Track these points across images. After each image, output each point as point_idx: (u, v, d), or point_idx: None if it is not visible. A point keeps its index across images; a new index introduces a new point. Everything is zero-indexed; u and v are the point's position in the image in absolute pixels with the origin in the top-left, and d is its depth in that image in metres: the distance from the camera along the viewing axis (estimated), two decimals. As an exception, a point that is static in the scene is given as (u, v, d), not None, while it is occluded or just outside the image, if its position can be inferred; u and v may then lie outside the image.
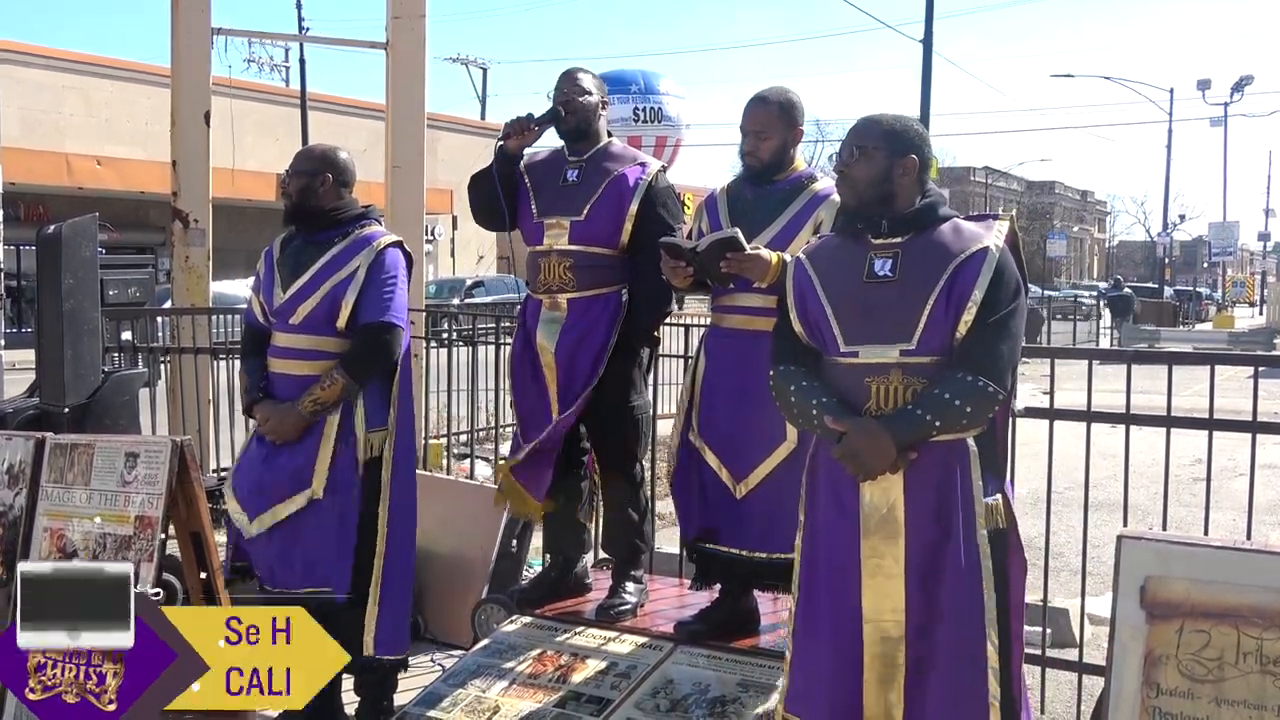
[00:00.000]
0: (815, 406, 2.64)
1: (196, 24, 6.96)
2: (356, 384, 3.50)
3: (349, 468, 3.52)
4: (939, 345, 2.59)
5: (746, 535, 3.46)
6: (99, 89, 24.15)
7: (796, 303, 2.77)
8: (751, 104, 3.51)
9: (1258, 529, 4.02)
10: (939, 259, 2.62)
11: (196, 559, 3.69)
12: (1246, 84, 39.96)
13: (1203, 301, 44.55)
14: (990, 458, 2.66)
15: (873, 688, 2.62)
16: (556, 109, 3.79)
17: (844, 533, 2.66)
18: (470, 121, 35.15)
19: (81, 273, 4.59)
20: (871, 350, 2.62)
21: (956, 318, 2.58)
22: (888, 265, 2.65)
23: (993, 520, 2.62)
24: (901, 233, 2.68)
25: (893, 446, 2.53)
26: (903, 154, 2.67)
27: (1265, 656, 2.28)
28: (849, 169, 2.70)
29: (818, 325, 2.72)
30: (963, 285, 2.58)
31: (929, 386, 2.56)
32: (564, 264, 3.74)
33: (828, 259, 2.78)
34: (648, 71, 26.84)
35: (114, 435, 4.11)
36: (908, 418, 2.54)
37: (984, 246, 2.61)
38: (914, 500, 2.60)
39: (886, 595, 2.61)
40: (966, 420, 2.55)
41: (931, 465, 2.59)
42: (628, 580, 3.95)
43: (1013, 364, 2.62)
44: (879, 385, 2.61)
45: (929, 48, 20.13)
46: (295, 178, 3.62)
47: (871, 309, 2.64)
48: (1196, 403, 3.93)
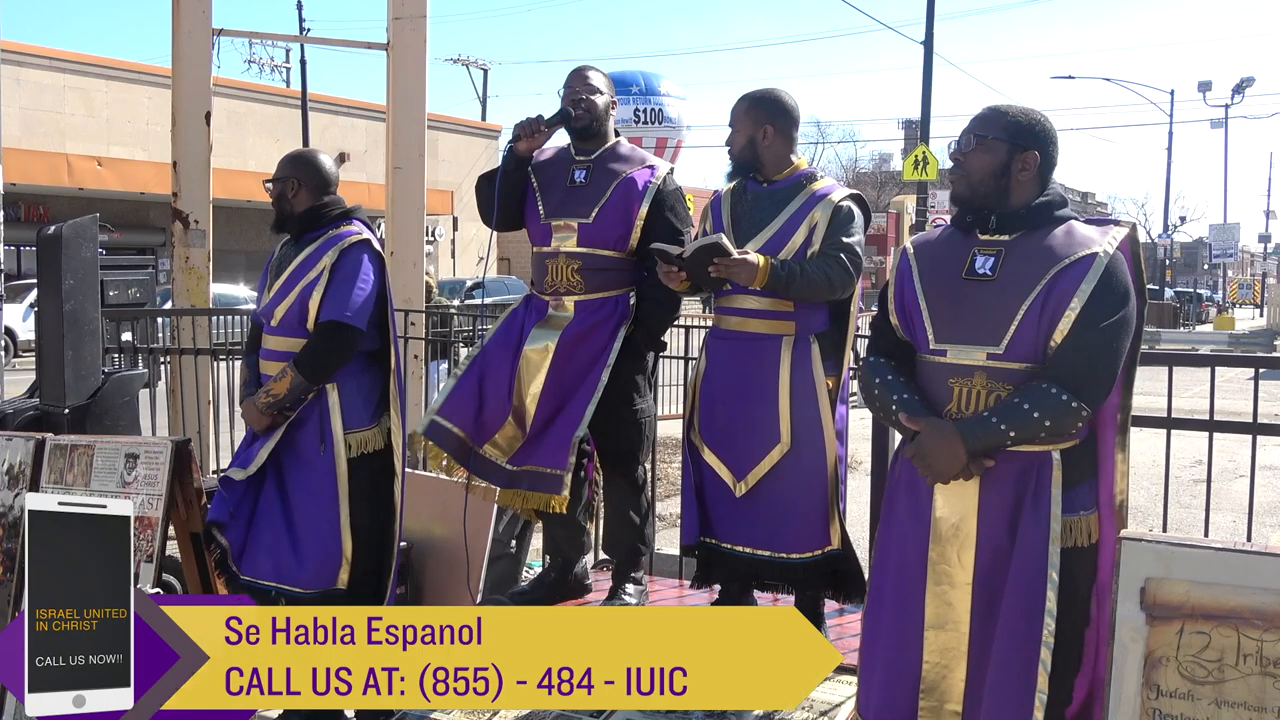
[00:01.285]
0: (895, 402, 2.56)
1: (197, 24, 6.96)
2: (306, 381, 3.44)
3: (326, 469, 3.48)
4: (1029, 352, 2.46)
5: (748, 534, 3.45)
6: (100, 89, 24.15)
7: (895, 293, 2.67)
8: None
9: (1258, 530, 4.02)
10: (1042, 261, 2.48)
11: (196, 559, 3.69)
12: (1247, 86, 39.98)
13: (1203, 303, 44.55)
14: (1083, 469, 2.54)
15: (930, 699, 2.56)
16: (567, 110, 3.76)
17: (916, 538, 2.58)
18: (471, 122, 35.15)
19: (82, 273, 4.59)
20: (959, 350, 2.52)
21: (1052, 324, 2.44)
22: (989, 263, 2.53)
23: (1075, 538, 2.51)
24: (1010, 230, 2.55)
25: (963, 451, 2.43)
26: (1024, 148, 2.54)
27: (1265, 658, 2.28)
28: (966, 158, 2.58)
29: (912, 318, 2.62)
30: (1062, 290, 2.44)
31: (1011, 394, 2.45)
32: (572, 266, 3.72)
33: (933, 251, 2.66)
34: (649, 73, 26.87)
35: (114, 436, 4.11)
36: (982, 424, 2.44)
37: (1093, 252, 2.46)
38: (987, 510, 2.51)
39: (950, 605, 2.54)
40: (1045, 434, 2.43)
41: (1010, 475, 2.49)
42: (628, 582, 3.94)
43: (1109, 380, 2.47)
44: (962, 387, 2.51)
45: (929, 49, 20.13)
46: (272, 184, 3.65)
47: (965, 307, 2.53)
48: (1197, 404, 3.94)
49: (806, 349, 3.42)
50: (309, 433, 3.50)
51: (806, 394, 3.39)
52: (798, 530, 3.41)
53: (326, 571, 3.47)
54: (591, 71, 3.84)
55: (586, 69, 3.84)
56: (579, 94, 3.77)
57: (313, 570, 3.47)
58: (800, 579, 3.49)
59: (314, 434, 3.50)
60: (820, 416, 3.40)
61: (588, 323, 3.71)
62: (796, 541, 3.41)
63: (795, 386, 3.39)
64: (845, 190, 3.51)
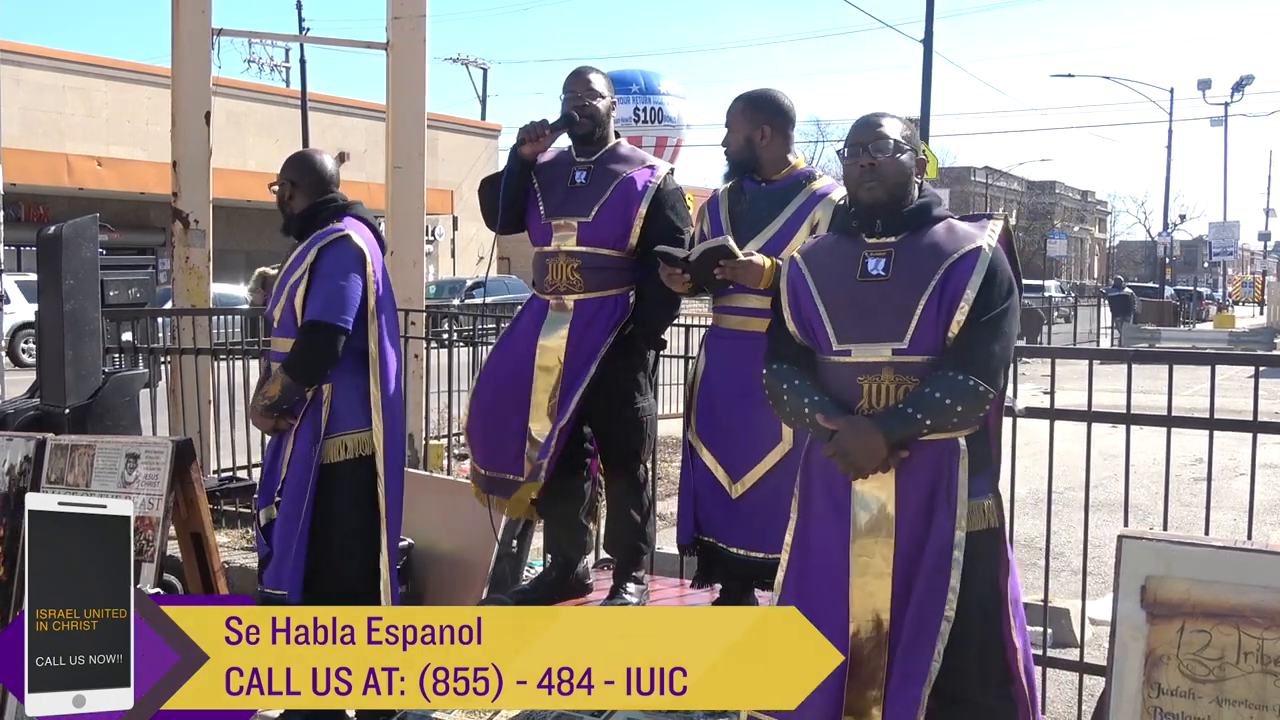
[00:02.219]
0: (807, 405, 2.66)
1: (197, 24, 6.96)
2: (294, 382, 3.45)
3: (303, 472, 3.49)
4: (931, 344, 2.59)
5: (743, 535, 3.45)
6: (99, 89, 24.15)
7: (790, 301, 2.78)
8: None
9: (1258, 529, 4.02)
10: (932, 258, 2.62)
11: (197, 559, 3.70)
12: (1247, 84, 39.94)
13: (1203, 301, 44.54)
14: (983, 457, 2.67)
15: (854, 686, 2.62)
16: (571, 114, 3.76)
17: (837, 532, 2.66)
18: (470, 121, 35.16)
19: (82, 273, 4.60)
20: (864, 349, 2.63)
21: (949, 317, 2.57)
22: (881, 264, 2.65)
23: (983, 520, 2.62)
24: (895, 232, 2.68)
25: (883, 445, 2.54)
26: (918, 154, 2.71)
27: (1266, 656, 2.29)
28: (881, 165, 2.65)
29: (810, 324, 2.73)
30: (955, 284, 2.58)
31: (920, 385, 2.57)
32: (572, 265, 3.74)
33: (822, 258, 2.78)
34: (648, 72, 26.87)
35: (114, 436, 4.12)
36: (899, 416, 2.55)
37: (977, 246, 2.61)
38: (904, 499, 2.61)
39: (871, 595, 2.62)
40: (958, 419, 2.55)
41: (923, 464, 2.60)
42: (629, 581, 3.94)
43: (1005, 363, 2.63)
44: (871, 384, 2.61)
45: (929, 47, 20.12)
46: (274, 189, 3.69)
47: (864, 308, 2.64)
48: (1197, 402, 3.93)
49: (808, 348, 3.42)
50: (303, 436, 3.53)
51: (808, 393, 3.40)
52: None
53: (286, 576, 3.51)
54: (593, 74, 3.84)
55: (588, 71, 3.85)
56: (582, 99, 3.77)
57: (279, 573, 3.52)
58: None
59: (306, 437, 3.52)
60: (821, 415, 3.40)
61: (588, 321, 3.72)
62: None
63: (798, 385, 3.39)
64: (844, 189, 3.51)
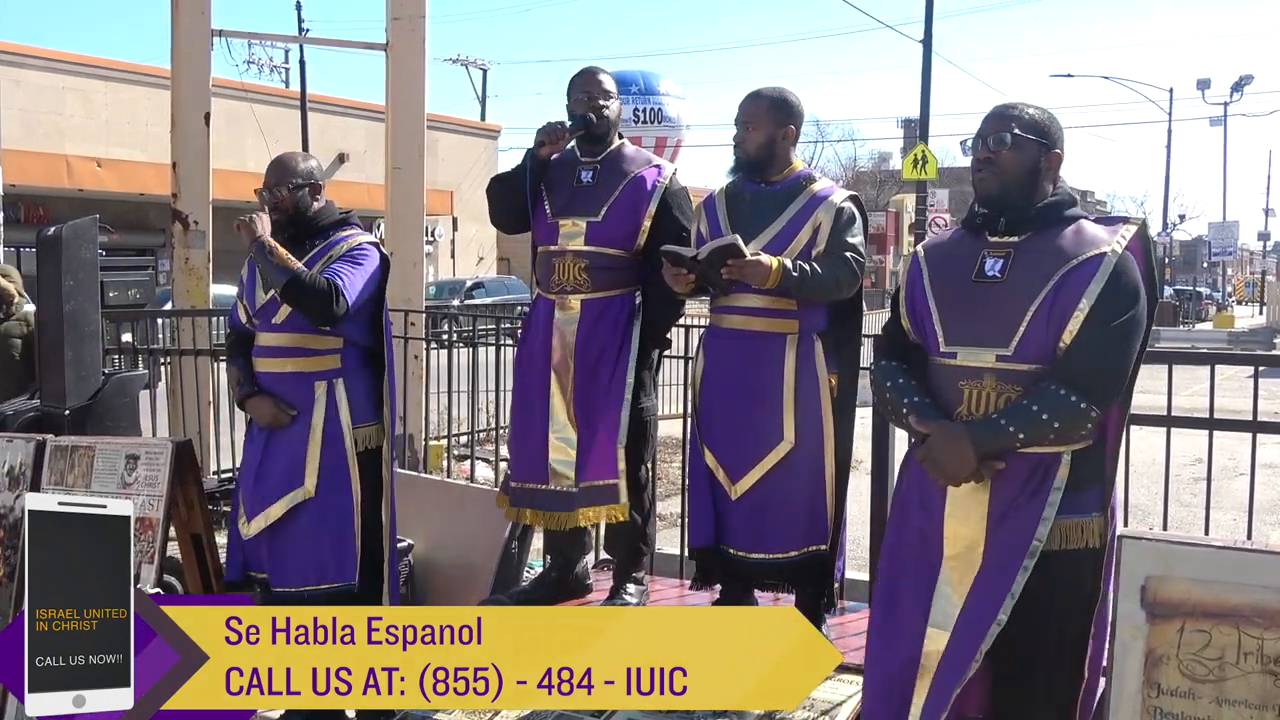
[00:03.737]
0: (906, 405, 2.56)
1: (196, 25, 6.97)
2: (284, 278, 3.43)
3: (340, 463, 3.55)
4: (1039, 353, 2.45)
5: (743, 536, 3.45)
6: (99, 91, 24.12)
7: (906, 297, 2.67)
8: (745, 97, 3.53)
9: (1258, 528, 4.02)
10: (1051, 262, 2.46)
11: (197, 560, 3.69)
12: (1246, 83, 39.96)
13: (1202, 301, 44.53)
14: (1092, 472, 2.52)
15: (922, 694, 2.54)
16: (588, 117, 3.77)
17: (930, 544, 2.57)
18: (470, 122, 35.12)
19: (82, 274, 4.59)
20: (969, 353, 2.51)
21: (1060, 326, 2.42)
22: (999, 265, 2.51)
23: (1081, 539, 2.49)
24: (1020, 231, 2.53)
25: (972, 454, 2.42)
26: (1050, 147, 2.55)
27: (1266, 656, 2.28)
28: (998, 155, 2.53)
29: (922, 322, 2.62)
30: (1070, 291, 2.42)
31: (1020, 396, 2.44)
32: (579, 265, 3.75)
33: (942, 255, 2.67)
34: (648, 72, 26.89)
35: (114, 437, 4.12)
36: (991, 427, 2.43)
37: (1101, 252, 2.44)
38: (996, 511, 2.49)
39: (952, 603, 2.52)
40: (1055, 436, 2.41)
41: (1018, 476, 2.47)
42: (629, 582, 3.94)
43: (1120, 381, 2.46)
44: (972, 390, 2.49)
45: (929, 47, 20.14)
46: (269, 191, 3.66)
47: (975, 310, 2.52)
48: (1197, 402, 3.93)
49: (810, 347, 3.42)
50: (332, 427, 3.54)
51: (810, 391, 3.40)
52: (785, 529, 3.41)
53: (346, 566, 3.53)
54: (602, 74, 3.86)
55: (598, 71, 3.86)
56: (597, 100, 3.78)
57: (336, 565, 3.53)
58: (798, 578, 3.50)
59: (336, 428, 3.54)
60: (821, 414, 3.40)
61: (595, 321, 3.73)
62: (783, 541, 3.41)
63: (800, 384, 3.39)
64: (845, 192, 3.52)
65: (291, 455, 3.54)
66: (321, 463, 3.53)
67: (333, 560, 3.53)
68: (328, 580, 3.52)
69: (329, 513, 3.53)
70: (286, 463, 3.54)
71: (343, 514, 3.54)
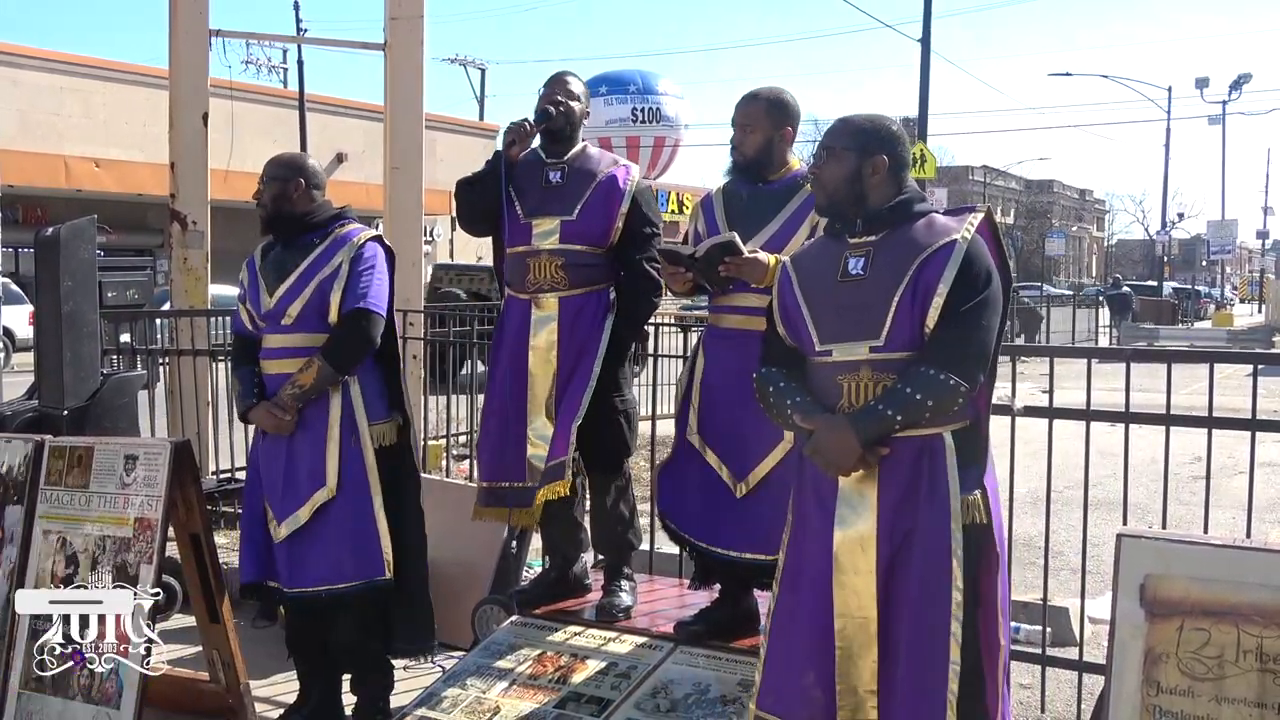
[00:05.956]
0: (790, 406, 2.69)
1: (194, 26, 6.95)
2: (334, 370, 3.54)
3: (358, 460, 3.57)
4: (908, 340, 2.60)
5: (748, 535, 3.45)
6: (97, 91, 24.11)
7: (779, 305, 2.83)
8: (742, 99, 3.55)
9: (1257, 527, 4.02)
10: (906, 254, 2.63)
11: (196, 561, 3.69)
12: (1244, 82, 39.91)
13: (1201, 299, 44.52)
14: (971, 452, 2.65)
15: (844, 684, 2.63)
16: (548, 109, 3.85)
17: (823, 530, 2.68)
18: (469, 122, 35.10)
19: (80, 275, 4.59)
20: (843, 348, 2.65)
21: (923, 312, 2.58)
22: (860, 263, 2.68)
23: (970, 515, 2.61)
24: (875, 231, 2.70)
25: (856, 442, 2.55)
26: (872, 154, 2.70)
27: (1265, 654, 2.29)
28: (819, 171, 2.76)
29: (796, 326, 2.77)
30: (928, 279, 2.58)
31: (894, 382, 2.57)
32: (555, 263, 3.79)
33: (809, 261, 2.83)
34: (646, 72, 26.93)
35: (113, 437, 4.11)
36: (870, 413, 2.56)
37: (952, 239, 2.61)
38: (886, 495, 2.61)
39: (856, 593, 2.62)
40: (929, 414, 2.55)
41: (905, 460, 2.60)
42: (620, 579, 3.96)
43: (982, 356, 2.61)
44: (850, 382, 2.63)
45: (927, 47, 20.13)
46: (269, 185, 3.69)
47: (843, 307, 2.67)
48: (1196, 401, 3.93)
49: (810, 346, 3.43)
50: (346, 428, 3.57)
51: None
52: None
53: (370, 561, 3.55)
54: (571, 78, 3.97)
55: (566, 75, 3.98)
56: (559, 98, 3.88)
57: (355, 562, 3.55)
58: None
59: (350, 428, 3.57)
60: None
61: (574, 318, 3.78)
62: None
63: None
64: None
65: (313, 457, 3.56)
66: (341, 461, 3.56)
67: (350, 559, 3.55)
68: (345, 579, 3.55)
69: (349, 511, 3.55)
70: (309, 465, 3.56)
71: (363, 512, 3.56)
